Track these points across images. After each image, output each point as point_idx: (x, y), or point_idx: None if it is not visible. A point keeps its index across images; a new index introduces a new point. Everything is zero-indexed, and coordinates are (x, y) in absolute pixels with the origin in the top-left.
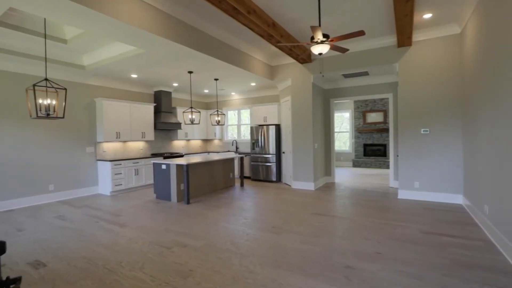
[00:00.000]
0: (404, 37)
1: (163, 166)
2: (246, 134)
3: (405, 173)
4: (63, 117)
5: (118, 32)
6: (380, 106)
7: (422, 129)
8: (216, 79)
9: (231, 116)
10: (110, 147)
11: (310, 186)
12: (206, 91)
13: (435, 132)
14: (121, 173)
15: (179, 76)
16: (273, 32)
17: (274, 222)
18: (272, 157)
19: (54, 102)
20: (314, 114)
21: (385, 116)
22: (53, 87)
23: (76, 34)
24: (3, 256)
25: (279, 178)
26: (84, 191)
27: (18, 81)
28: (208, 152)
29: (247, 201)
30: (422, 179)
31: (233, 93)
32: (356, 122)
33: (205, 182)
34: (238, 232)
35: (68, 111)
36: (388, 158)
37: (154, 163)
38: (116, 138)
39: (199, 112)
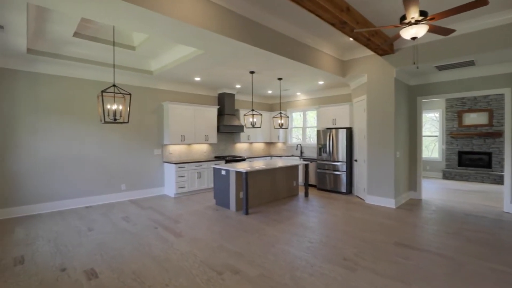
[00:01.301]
0: None
1: (223, 172)
2: (312, 138)
3: None
4: (127, 122)
5: (176, 32)
6: (484, 105)
7: None
8: (279, 79)
9: (296, 117)
10: (176, 150)
11: (389, 203)
12: (269, 91)
13: None
14: (184, 176)
15: (240, 77)
16: (346, 18)
17: (345, 251)
18: (341, 165)
19: (120, 107)
20: (396, 115)
21: (491, 117)
22: (120, 93)
23: (142, 40)
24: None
25: (349, 190)
26: (152, 191)
27: (95, 88)
28: (271, 156)
29: (312, 217)
30: None
31: (298, 93)
32: (449, 124)
33: (266, 190)
34: (300, 261)
35: (138, 115)
36: (496, 171)
37: (214, 168)
38: (181, 141)
39: (261, 115)
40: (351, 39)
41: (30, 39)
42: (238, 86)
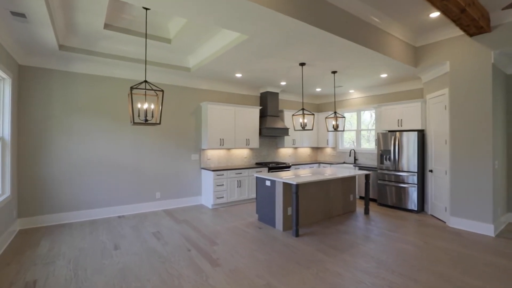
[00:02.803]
0: None
1: (267, 183)
2: (369, 142)
3: None
4: (159, 123)
5: (217, 11)
6: None
7: None
8: (333, 72)
9: (348, 119)
10: (214, 155)
11: (485, 229)
12: (318, 89)
13: None
14: (223, 185)
15: (288, 71)
16: None
17: None
18: (410, 177)
19: (152, 106)
20: (494, 113)
21: None
22: (152, 89)
23: (178, 30)
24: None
25: (420, 207)
26: (188, 200)
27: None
28: (319, 163)
29: (383, 245)
30: None
31: (351, 91)
32: None
33: (319, 206)
34: None
35: (174, 116)
36: None
37: (256, 178)
38: (220, 145)
39: (313, 114)
40: (434, 15)
41: (61, 33)
42: (283, 83)
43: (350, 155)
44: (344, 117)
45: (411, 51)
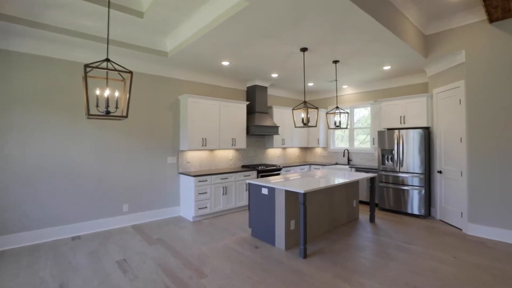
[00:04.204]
0: None
1: (264, 191)
2: (364, 142)
3: None
4: (126, 116)
5: None
6: None
7: None
8: (335, 62)
9: (331, 119)
10: (195, 157)
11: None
12: (310, 84)
13: None
14: (206, 192)
15: (286, 58)
16: None
17: None
18: (416, 178)
19: (117, 94)
20: None
21: None
22: (115, 70)
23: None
24: None
25: (427, 211)
26: (164, 212)
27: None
28: (309, 165)
29: (408, 264)
30: None
31: (344, 86)
32: None
33: (323, 215)
34: None
35: (148, 112)
36: None
37: (249, 184)
38: (202, 145)
39: (316, 108)
40: None
41: None
42: (274, 75)
43: (344, 156)
44: (347, 112)
45: (421, 40)
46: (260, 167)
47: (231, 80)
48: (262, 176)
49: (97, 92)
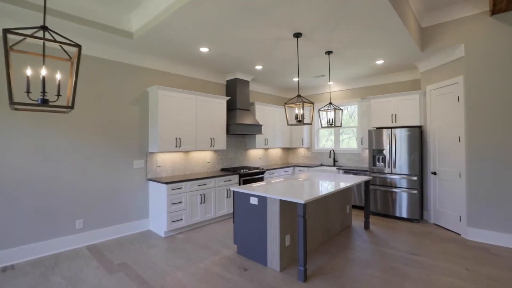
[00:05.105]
0: None
1: (253, 200)
2: (350, 142)
3: None
4: (72, 107)
5: None
6: None
7: None
8: (328, 52)
9: (323, 116)
10: (167, 160)
11: None
12: (295, 79)
13: None
14: (181, 202)
15: (275, 45)
16: None
17: None
18: (409, 180)
19: (59, 76)
20: None
21: None
22: (55, 41)
23: None
24: None
25: (420, 215)
26: (129, 227)
27: (26, 56)
28: (294, 167)
29: (421, 281)
30: None
31: (330, 83)
32: None
33: (318, 226)
34: None
35: (108, 106)
36: None
37: (235, 193)
38: (176, 146)
39: (312, 103)
40: None
41: None
42: (258, 67)
43: (330, 157)
44: (341, 109)
45: (419, 32)
46: (242, 171)
47: (210, 71)
48: (244, 181)
49: (28, 72)
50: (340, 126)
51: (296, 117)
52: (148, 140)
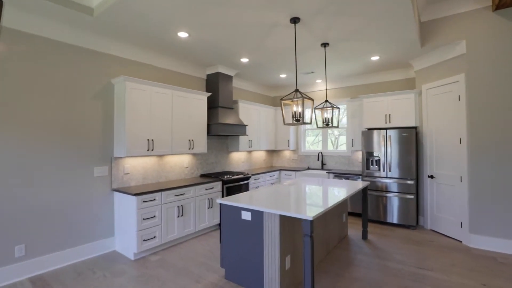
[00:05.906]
0: None
1: (245, 215)
2: (339, 144)
3: None
4: None
5: None
6: None
7: None
8: (325, 44)
9: (319, 115)
10: (137, 166)
11: None
12: (282, 75)
13: None
14: (154, 217)
15: (269, 31)
16: None
17: None
18: (406, 184)
19: None
20: None
21: None
22: None
23: None
24: None
25: (415, 220)
26: (89, 249)
27: None
28: (279, 171)
29: None
30: None
31: (318, 81)
32: None
33: (317, 241)
34: None
35: (64, 100)
36: None
37: (222, 205)
38: (148, 150)
39: (312, 100)
40: None
41: None
42: (244, 59)
43: (318, 159)
44: (339, 108)
45: (418, 25)
46: (225, 177)
47: (188, 63)
48: (228, 188)
49: None
50: (337, 127)
51: (294, 116)
52: (113, 143)
